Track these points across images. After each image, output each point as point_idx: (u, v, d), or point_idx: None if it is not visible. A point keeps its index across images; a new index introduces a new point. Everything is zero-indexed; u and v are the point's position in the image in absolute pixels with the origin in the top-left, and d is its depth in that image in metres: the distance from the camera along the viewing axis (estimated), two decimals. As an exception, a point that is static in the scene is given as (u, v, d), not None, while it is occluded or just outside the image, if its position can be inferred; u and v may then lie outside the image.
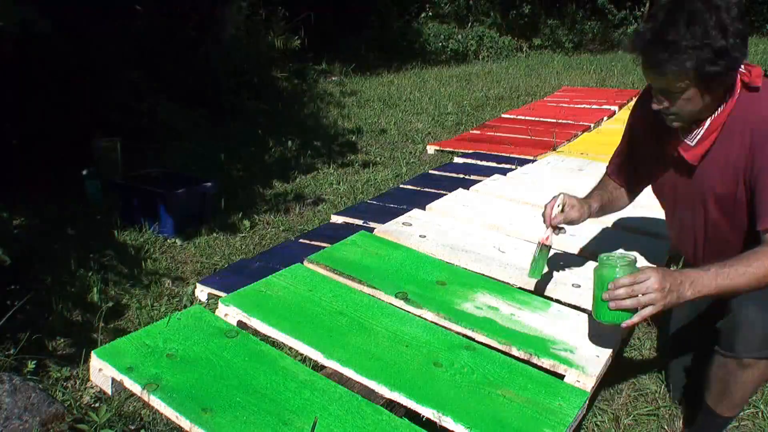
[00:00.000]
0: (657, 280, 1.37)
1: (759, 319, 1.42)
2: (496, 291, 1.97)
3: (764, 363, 1.45)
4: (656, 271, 1.39)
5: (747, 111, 1.45)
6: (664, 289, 1.37)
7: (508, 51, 10.64)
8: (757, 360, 1.44)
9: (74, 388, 1.75)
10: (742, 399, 1.53)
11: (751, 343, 1.43)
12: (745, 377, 1.47)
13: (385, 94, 7.02)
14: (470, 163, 4.03)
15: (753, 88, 1.45)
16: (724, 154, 1.49)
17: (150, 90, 4.72)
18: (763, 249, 1.41)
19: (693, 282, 1.39)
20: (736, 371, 1.47)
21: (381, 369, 1.57)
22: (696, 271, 1.42)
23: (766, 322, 1.41)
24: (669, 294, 1.38)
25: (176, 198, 2.92)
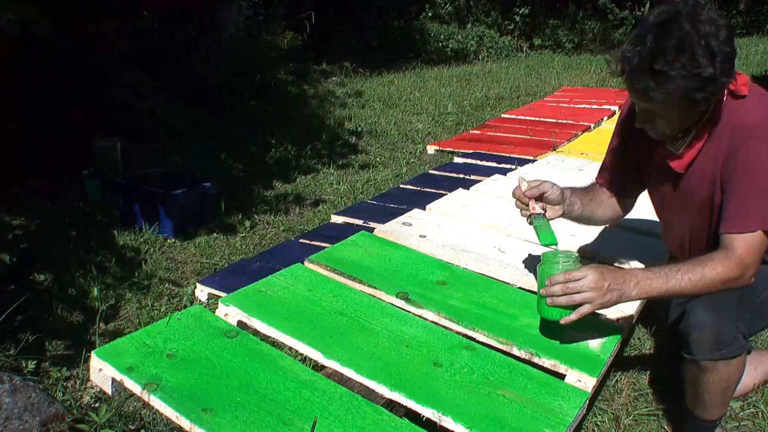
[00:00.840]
0: (593, 279, 1.41)
1: (707, 321, 1.42)
2: (496, 291, 1.97)
3: (722, 365, 1.44)
4: (594, 270, 1.43)
5: (731, 118, 1.46)
6: (601, 287, 1.41)
7: (508, 51, 10.64)
8: (713, 362, 1.44)
9: (74, 388, 1.75)
10: (714, 402, 1.52)
11: (702, 345, 1.43)
12: (707, 380, 1.47)
13: (386, 94, 7.02)
14: (470, 163, 4.03)
15: (739, 96, 1.45)
16: (708, 162, 1.50)
17: (150, 90, 4.72)
18: (717, 255, 1.43)
19: (638, 282, 1.43)
20: (699, 375, 1.48)
21: (381, 369, 1.57)
22: (645, 272, 1.45)
23: (713, 323, 1.42)
24: (608, 292, 1.41)
25: (176, 198, 2.92)
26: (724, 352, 1.42)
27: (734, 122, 1.45)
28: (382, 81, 7.99)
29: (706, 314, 1.43)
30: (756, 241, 1.42)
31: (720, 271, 1.41)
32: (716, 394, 1.50)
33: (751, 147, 1.42)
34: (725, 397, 1.52)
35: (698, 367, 1.47)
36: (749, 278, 1.43)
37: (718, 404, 1.53)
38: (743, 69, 7.37)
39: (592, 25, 11.18)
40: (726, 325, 1.43)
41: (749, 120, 1.43)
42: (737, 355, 1.44)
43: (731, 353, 1.43)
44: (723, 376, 1.46)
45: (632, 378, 1.91)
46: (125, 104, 4.37)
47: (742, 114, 1.44)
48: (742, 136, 1.43)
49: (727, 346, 1.42)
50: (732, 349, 1.43)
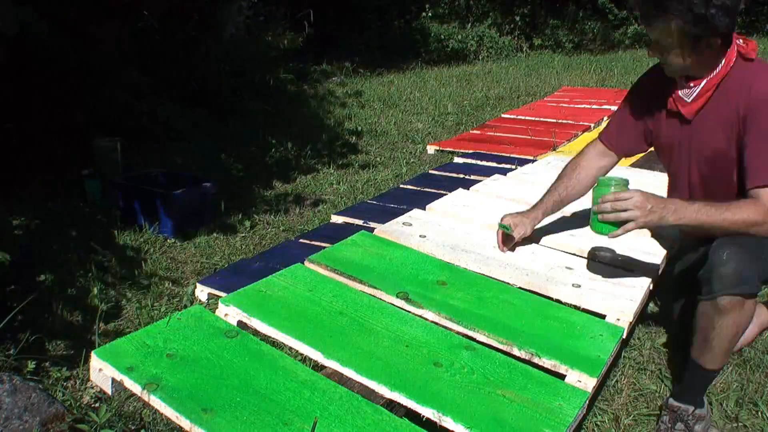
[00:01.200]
0: (639, 199, 1.58)
1: (731, 257, 1.54)
2: (496, 291, 1.97)
3: (737, 307, 1.54)
4: (641, 192, 1.60)
5: (741, 77, 1.64)
6: (645, 207, 1.58)
7: (508, 51, 10.64)
8: (731, 302, 1.53)
9: (74, 388, 1.75)
10: (721, 349, 1.60)
11: (725, 279, 1.54)
12: (720, 323, 1.57)
13: (386, 94, 7.02)
14: (470, 163, 4.03)
15: (748, 59, 1.65)
16: (718, 114, 1.69)
17: (150, 90, 4.72)
18: (747, 201, 1.61)
19: (676, 209, 1.61)
20: (714, 318, 1.57)
21: (381, 369, 1.57)
22: (682, 202, 1.64)
23: (737, 258, 1.54)
24: (651, 213, 1.59)
25: (176, 198, 2.92)
26: (745, 287, 1.53)
27: (750, 84, 1.62)
28: (382, 81, 8.00)
29: (730, 251, 1.55)
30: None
31: (746, 214, 1.57)
32: (725, 340, 1.59)
33: None
34: (732, 344, 1.61)
35: (715, 308, 1.56)
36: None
37: (725, 351, 1.62)
38: None
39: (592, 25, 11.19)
40: (748, 261, 1.54)
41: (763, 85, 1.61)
42: (754, 294, 1.55)
43: (750, 290, 1.54)
44: (735, 320, 1.56)
45: (632, 378, 1.91)
46: (125, 104, 4.37)
47: (754, 77, 1.63)
48: (760, 102, 1.60)
49: (747, 282, 1.53)
50: (751, 287, 1.54)
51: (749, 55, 1.65)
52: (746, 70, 1.65)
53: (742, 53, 1.65)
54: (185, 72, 5.27)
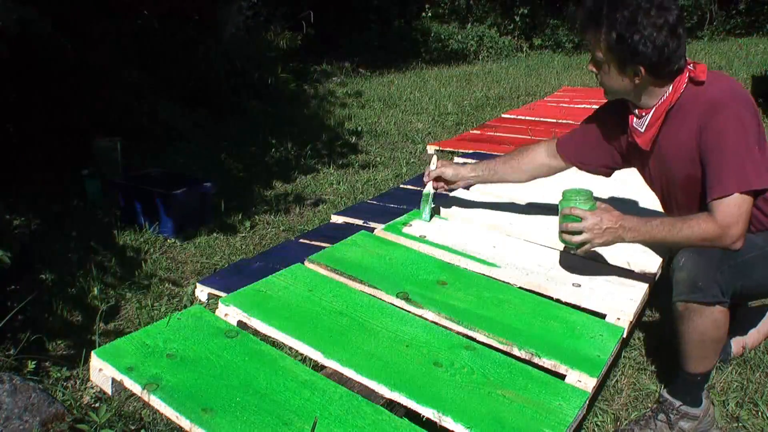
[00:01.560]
0: (591, 222, 1.65)
1: (687, 263, 1.57)
2: (496, 291, 1.97)
3: (696, 315, 1.56)
4: (594, 213, 1.67)
5: (694, 99, 1.64)
6: (598, 229, 1.65)
7: (509, 51, 10.64)
8: (686, 308, 1.56)
9: (74, 388, 1.75)
10: (692, 354, 1.62)
11: (680, 285, 1.57)
12: (682, 329, 1.60)
13: (386, 94, 7.02)
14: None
15: (698, 82, 1.64)
16: (677, 139, 1.69)
17: (150, 90, 4.73)
18: (702, 215, 1.60)
19: (632, 227, 1.65)
20: (676, 323, 1.62)
21: (381, 369, 1.57)
22: (638, 220, 1.67)
23: (692, 265, 1.56)
24: (605, 234, 1.66)
25: (176, 198, 2.92)
26: (698, 295, 1.54)
27: (698, 102, 1.63)
28: (382, 81, 8.00)
29: (687, 258, 1.58)
30: (733, 203, 1.55)
31: (698, 230, 1.58)
32: (693, 346, 1.61)
33: (719, 119, 1.58)
34: (704, 351, 1.61)
35: (675, 313, 1.60)
36: (732, 238, 1.56)
37: (697, 357, 1.62)
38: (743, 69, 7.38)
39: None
40: (704, 270, 1.55)
41: (713, 96, 1.61)
42: (710, 303, 1.55)
43: (704, 298, 1.54)
44: (698, 327, 1.57)
45: (632, 378, 1.91)
46: (125, 104, 4.37)
47: (705, 94, 1.63)
48: (709, 111, 1.60)
49: (701, 290, 1.54)
50: (706, 294, 1.54)
51: (699, 78, 1.64)
52: (698, 92, 1.64)
53: (692, 77, 1.65)
54: (185, 72, 5.27)
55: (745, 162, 1.56)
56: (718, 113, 1.58)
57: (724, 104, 1.59)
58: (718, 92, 1.62)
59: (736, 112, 1.57)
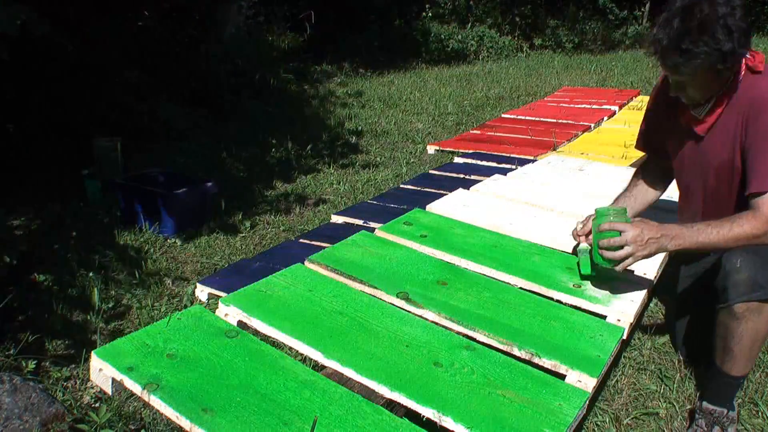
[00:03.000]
0: (633, 234, 1.64)
1: (744, 264, 1.56)
2: (496, 291, 1.97)
3: (755, 313, 1.54)
4: (634, 226, 1.65)
5: (749, 90, 1.65)
6: (641, 241, 1.63)
7: (509, 51, 10.64)
8: (748, 308, 1.54)
9: (74, 388, 1.75)
10: (743, 355, 1.60)
11: (739, 286, 1.55)
12: (739, 330, 1.57)
13: (386, 94, 7.02)
14: (470, 163, 4.03)
15: (756, 71, 1.65)
16: (726, 127, 1.69)
17: (150, 90, 4.73)
18: (746, 214, 1.60)
19: (675, 236, 1.63)
20: (732, 325, 1.58)
21: (381, 369, 1.57)
22: (680, 227, 1.65)
23: (750, 266, 1.55)
24: (648, 245, 1.63)
25: (177, 198, 2.92)
26: (759, 293, 1.53)
27: (752, 94, 1.64)
28: (383, 81, 8.00)
29: (743, 259, 1.57)
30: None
31: (747, 227, 1.57)
32: (746, 346, 1.59)
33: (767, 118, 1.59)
34: (753, 351, 1.60)
35: (732, 315, 1.56)
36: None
37: (746, 358, 1.61)
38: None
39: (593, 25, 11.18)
40: (761, 267, 1.54)
41: (764, 92, 1.62)
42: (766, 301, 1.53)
43: (765, 295, 1.52)
44: (754, 325, 1.55)
45: (632, 378, 1.91)
46: (125, 104, 4.37)
47: (758, 87, 1.63)
48: (760, 107, 1.61)
49: (762, 288, 1.53)
50: (766, 292, 1.52)
51: (757, 68, 1.65)
52: (754, 82, 1.65)
53: (750, 66, 1.66)
54: (185, 72, 5.27)
55: None
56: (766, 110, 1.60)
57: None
58: None
59: None
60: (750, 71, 1.66)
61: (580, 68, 8.84)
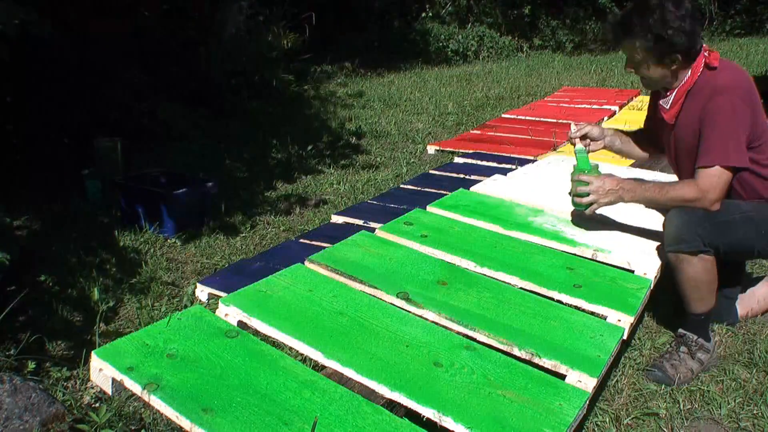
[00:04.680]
0: (596, 185, 2.00)
1: (673, 220, 1.87)
2: (496, 291, 1.97)
3: (684, 261, 1.85)
4: (600, 178, 2.02)
5: (706, 83, 1.92)
6: (603, 191, 2.00)
7: (509, 51, 10.63)
8: (676, 257, 1.86)
9: (75, 388, 1.75)
10: (691, 297, 1.90)
11: (668, 238, 1.88)
12: (679, 277, 1.90)
13: (386, 94, 7.02)
14: (471, 163, 4.02)
15: (712, 67, 1.92)
16: (690, 116, 1.95)
17: (150, 90, 4.73)
18: (687, 180, 1.92)
19: (630, 189, 1.99)
20: (673, 272, 1.92)
21: (381, 369, 1.57)
22: (635, 183, 2.02)
23: (677, 221, 1.86)
24: (608, 195, 2.00)
25: (177, 198, 2.92)
26: (682, 246, 1.84)
27: (708, 85, 1.90)
28: (383, 81, 8.00)
29: (674, 215, 1.89)
30: (712, 173, 1.84)
31: (682, 192, 1.89)
32: (690, 290, 1.90)
33: (716, 101, 1.86)
34: (700, 293, 1.89)
35: (670, 263, 1.91)
36: (710, 202, 1.85)
37: (696, 299, 1.91)
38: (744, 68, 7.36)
39: (593, 25, 11.18)
40: (687, 225, 1.84)
41: (718, 82, 1.89)
42: (694, 252, 1.84)
43: (688, 248, 1.84)
44: (690, 274, 1.87)
45: (632, 378, 1.91)
46: (125, 104, 4.37)
47: (714, 79, 1.90)
48: (711, 93, 1.88)
49: (685, 242, 1.84)
50: (690, 245, 1.83)
51: (712, 64, 1.92)
52: (710, 76, 1.92)
53: (707, 63, 1.92)
54: (185, 72, 5.27)
55: (729, 141, 1.84)
56: (716, 96, 1.86)
57: (723, 91, 1.86)
58: (723, 80, 1.89)
59: (731, 99, 1.84)
60: (707, 68, 1.93)
61: (580, 68, 8.83)
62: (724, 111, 1.84)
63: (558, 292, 1.97)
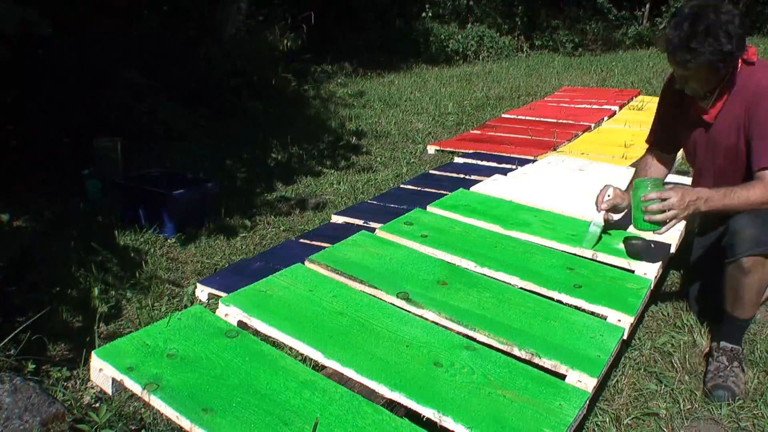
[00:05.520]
0: (677, 198, 1.89)
1: (748, 224, 1.85)
2: (497, 291, 1.97)
3: (759, 265, 1.81)
4: (677, 191, 1.91)
5: (746, 80, 1.95)
6: (683, 204, 1.88)
7: (509, 51, 10.64)
8: (754, 261, 1.81)
9: (75, 388, 1.75)
10: (751, 300, 1.87)
11: (745, 242, 1.82)
12: (746, 281, 1.84)
13: (386, 94, 7.02)
14: (471, 163, 4.02)
15: (750, 62, 1.95)
16: (731, 114, 1.98)
17: (150, 90, 4.73)
18: (757, 182, 1.91)
19: (707, 199, 1.91)
20: (740, 277, 1.84)
21: (381, 369, 1.57)
22: (709, 191, 1.94)
23: (753, 225, 1.83)
24: (688, 207, 1.89)
25: (177, 198, 2.92)
26: (762, 249, 1.80)
27: (750, 83, 1.94)
28: (383, 81, 8.00)
29: (748, 220, 1.85)
30: None
31: (759, 193, 1.88)
32: (753, 293, 1.86)
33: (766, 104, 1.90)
34: (759, 296, 1.89)
35: (739, 268, 1.83)
36: None
37: (754, 303, 1.89)
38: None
39: (593, 25, 11.18)
40: (763, 227, 1.82)
41: (762, 82, 1.91)
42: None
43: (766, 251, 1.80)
44: (759, 276, 1.83)
45: (632, 378, 1.91)
46: (125, 104, 4.37)
47: (756, 77, 1.93)
48: (758, 94, 1.91)
49: (764, 244, 1.80)
50: None
51: (750, 59, 1.94)
52: (750, 73, 1.95)
53: (744, 59, 1.94)
54: (185, 72, 5.27)
55: None
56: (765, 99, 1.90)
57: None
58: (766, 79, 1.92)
59: None
60: (745, 63, 1.95)
61: (580, 68, 8.83)
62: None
63: (558, 292, 1.97)
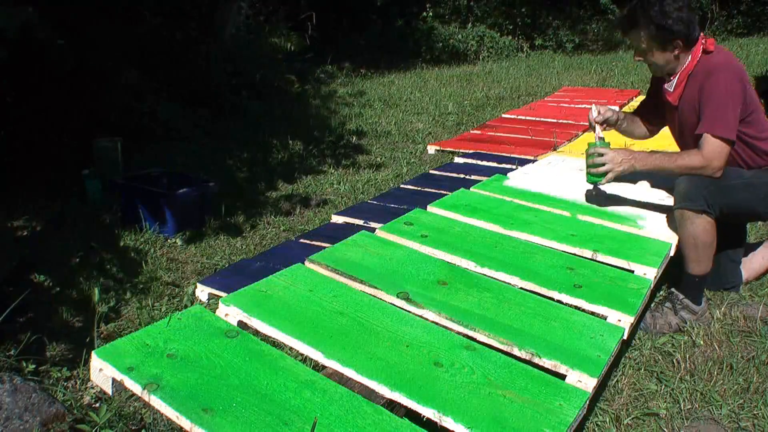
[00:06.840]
0: (611, 155, 2.24)
1: (683, 180, 2.13)
2: (496, 291, 1.97)
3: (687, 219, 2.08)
4: (614, 150, 2.27)
5: (703, 66, 2.18)
6: (617, 161, 2.23)
7: (509, 51, 10.64)
8: (681, 214, 2.09)
9: (75, 388, 1.75)
10: (690, 257, 2.12)
11: (677, 196, 2.12)
12: (680, 233, 2.14)
13: (386, 94, 7.02)
14: (471, 163, 4.02)
15: (708, 51, 2.19)
16: (690, 96, 2.21)
17: (150, 90, 4.73)
18: (694, 150, 2.14)
19: (640, 159, 2.24)
20: (679, 230, 2.14)
21: (381, 369, 1.57)
22: (645, 154, 2.30)
23: (685, 184, 2.10)
24: (622, 164, 2.23)
25: (177, 198, 2.92)
26: (688, 204, 2.08)
27: (705, 67, 2.17)
28: (383, 81, 8.00)
29: (683, 179, 2.13)
30: (716, 143, 2.09)
31: (690, 160, 2.13)
32: (689, 249, 2.12)
33: (712, 79, 2.13)
34: (698, 254, 2.11)
35: (677, 220, 2.12)
36: (713, 170, 2.10)
37: (693, 259, 2.13)
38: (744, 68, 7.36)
39: (593, 26, 11.18)
40: (693, 186, 2.09)
41: (713, 63, 2.16)
42: (698, 211, 2.07)
43: (693, 206, 2.07)
44: (691, 232, 2.09)
45: (632, 378, 1.91)
46: (125, 104, 4.37)
47: (710, 61, 2.17)
48: (708, 72, 2.15)
49: (691, 200, 2.08)
50: (694, 203, 2.07)
51: (708, 48, 2.18)
52: (707, 59, 2.18)
53: (704, 48, 2.18)
54: (185, 72, 5.27)
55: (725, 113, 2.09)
56: (712, 76, 2.13)
57: (718, 70, 2.13)
58: (717, 62, 2.15)
59: (725, 77, 2.11)
60: (705, 53, 2.18)
61: (580, 68, 8.83)
62: (719, 88, 2.10)
63: (558, 292, 1.97)
